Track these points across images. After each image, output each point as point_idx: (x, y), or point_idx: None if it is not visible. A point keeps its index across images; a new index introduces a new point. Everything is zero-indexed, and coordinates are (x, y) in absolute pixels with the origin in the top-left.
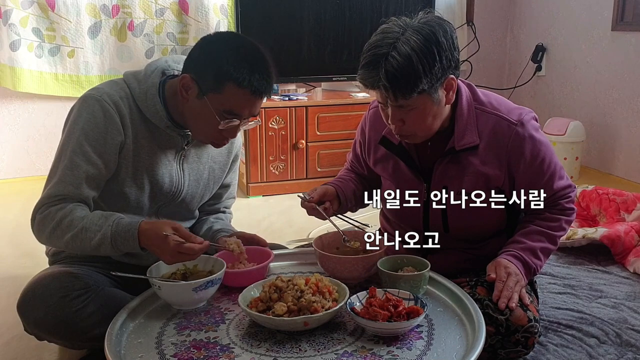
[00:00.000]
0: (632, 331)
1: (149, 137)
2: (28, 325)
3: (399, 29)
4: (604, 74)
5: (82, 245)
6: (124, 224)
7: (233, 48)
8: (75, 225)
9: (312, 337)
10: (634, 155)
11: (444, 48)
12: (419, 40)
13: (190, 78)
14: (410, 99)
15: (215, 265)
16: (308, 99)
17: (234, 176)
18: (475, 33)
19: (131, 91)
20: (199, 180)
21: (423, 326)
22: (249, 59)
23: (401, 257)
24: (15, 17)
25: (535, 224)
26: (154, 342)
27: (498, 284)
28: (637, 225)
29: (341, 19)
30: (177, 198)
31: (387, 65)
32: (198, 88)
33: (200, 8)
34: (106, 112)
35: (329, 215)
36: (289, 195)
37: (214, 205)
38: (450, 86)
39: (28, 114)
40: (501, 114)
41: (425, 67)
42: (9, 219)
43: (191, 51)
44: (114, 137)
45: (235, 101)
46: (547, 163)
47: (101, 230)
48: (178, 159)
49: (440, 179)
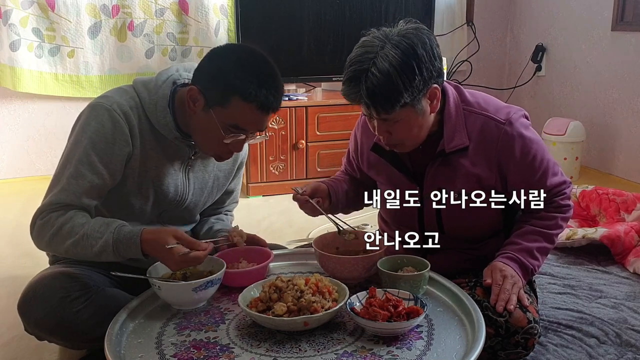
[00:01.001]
0: (632, 331)
1: (156, 147)
2: (28, 326)
3: (378, 42)
4: (604, 74)
5: (84, 252)
6: (126, 231)
7: (242, 62)
8: (76, 231)
9: (312, 337)
10: (634, 155)
11: (423, 60)
12: (397, 55)
13: (197, 90)
14: (393, 113)
15: (215, 265)
16: (308, 99)
17: (237, 182)
18: (475, 33)
19: (141, 101)
20: (204, 188)
21: (423, 326)
22: (257, 74)
23: (401, 257)
24: (15, 17)
25: (530, 223)
26: (154, 342)
27: (495, 287)
28: (637, 226)
29: (341, 19)
30: (180, 206)
31: (368, 82)
32: (205, 101)
33: (200, 8)
34: (115, 122)
35: (320, 211)
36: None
37: (216, 210)
38: (434, 95)
39: (28, 114)
40: (489, 114)
41: (405, 82)
42: (9, 219)
43: (200, 62)
44: (121, 148)
45: (241, 116)
46: (539, 160)
47: (103, 237)
48: (184, 168)
49: (433, 182)
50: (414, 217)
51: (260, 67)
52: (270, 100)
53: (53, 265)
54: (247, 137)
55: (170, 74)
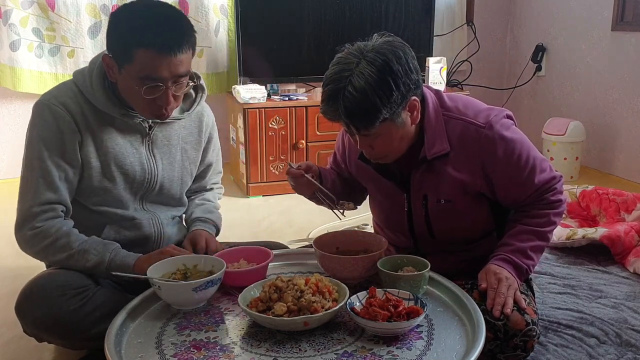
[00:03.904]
0: (632, 331)
1: (108, 129)
2: (27, 326)
3: (354, 58)
4: (604, 74)
5: (76, 265)
6: (122, 255)
7: (132, 13)
8: (72, 247)
9: (312, 337)
10: (634, 155)
11: (399, 75)
12: (372, 73)
13: (109, 57)
14: (373, 129)
15: (215, 265)
16: (308, 99)
17: (214, 154)
18: (475, 33)
19: (79, 88)
20: (173, 163)
21: (423, 326)
22: (148, 18)
23: (401, 257)
24: (15, 17)
25: (522, 222)
26: (154, 342)
27: (490, 291)
28: (637, 225)
29: (341, 19)
30: (154, 185)
31: (345, 101)
32: (116, 64)
33: (200, 8)
34: (56, 114)
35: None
36: (289, 195)
37: (199, 183)
38: (413, 107)
39: (28, 114)
40: (468, 119)
41: (382, 98)
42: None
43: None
44: (70, 137)
45: (147, 65)
46: (524, 159)
47: (99, 256)
48: (145, 144)
49: (419, 188)
50: (404, 223)
51: (153, 13)
52: (168, 40)
53: (50, 267)
54: (168, 87)
55: (102, 54)
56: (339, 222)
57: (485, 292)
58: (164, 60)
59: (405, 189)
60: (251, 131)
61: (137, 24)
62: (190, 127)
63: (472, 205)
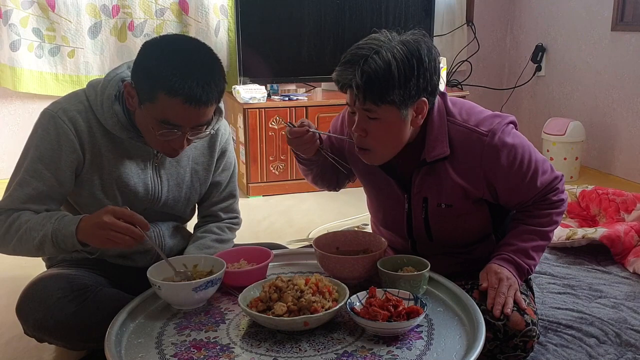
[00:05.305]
0: (632, 331)
1: (113, 148)
2: (27, 328)
3: (385, 38)
4: (604, 74)
5: (27, 246)
6: (66, 220)
7: (165, 54)
8: (21, 227)
9: (312, 337)
10: (634, 155)
11: (424, 66)
12: (402, 51)
13: (131, 86)
14: (378, 109)
15: (215, 265)
16: (308, 99)
17: (226, 175)
18: (475, 33)
19: (90, 103)
20: (181, 184)
21: (423, 326)
22: (181, 66)
23: (401, 257)
24: (15, 17)
25: (525, 222)
26: (154, 342)
27: (490, 291)
28: (636, 225)
29: (341, 19)
30: (157, 203)
31: (365, 66)
32: (137, 96)
33: (200, 8)
34: (59, 129)
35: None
36: (289, 195)
37: (203, 204)
38: (420, 109)
39: (28, 114)
40: (470, 126)
41: (401, 77)
42: None
43: (136, 56)
44: (68, 155)
45: (169, 111)
46: (527, 163)
47: (43, 229)
48: (152, 165)
49: (419, 190)
50: (402, 224)
51: (187, 58)
52: (197, 92)
53: (50, 268)
54: (185, 133)
55: (120, 71)
56: (339, 222)
57: (485, 292)
58: (187, 110)
59: (406, 190)
60: (251, 131)
61: (167, 66)
62: (202, 147)
63: (472, 210)
